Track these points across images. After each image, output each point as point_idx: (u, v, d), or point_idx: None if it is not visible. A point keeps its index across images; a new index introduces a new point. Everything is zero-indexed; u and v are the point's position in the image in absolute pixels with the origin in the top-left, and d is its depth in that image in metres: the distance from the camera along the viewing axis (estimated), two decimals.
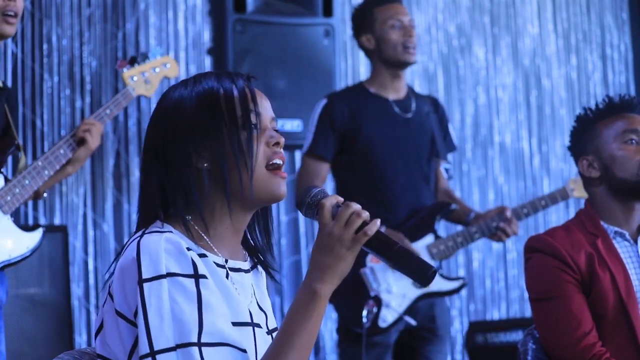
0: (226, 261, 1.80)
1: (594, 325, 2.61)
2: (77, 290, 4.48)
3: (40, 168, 3.24)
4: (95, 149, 3.42)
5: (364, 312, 3.57)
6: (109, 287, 1.74)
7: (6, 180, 3.18)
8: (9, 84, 4.36)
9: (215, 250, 1.79)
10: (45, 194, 3.38)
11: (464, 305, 5.54)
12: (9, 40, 4.41)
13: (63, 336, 4.11)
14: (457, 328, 5.47)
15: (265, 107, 1.84)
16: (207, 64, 4.86)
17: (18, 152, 3.25)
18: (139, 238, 1.72)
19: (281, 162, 1.82)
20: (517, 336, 4.68)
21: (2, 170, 3.19)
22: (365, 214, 1.69)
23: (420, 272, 1.68)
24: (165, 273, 1.67)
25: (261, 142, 1.80)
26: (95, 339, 1.78)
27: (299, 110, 4.43)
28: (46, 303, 4.12)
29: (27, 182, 3.19)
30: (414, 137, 3.90)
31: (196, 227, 1.78)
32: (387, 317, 3.69)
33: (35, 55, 4.52)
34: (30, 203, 4.45)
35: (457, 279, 3.93)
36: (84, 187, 4.61)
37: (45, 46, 4.55)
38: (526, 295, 2.78)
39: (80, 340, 4.44)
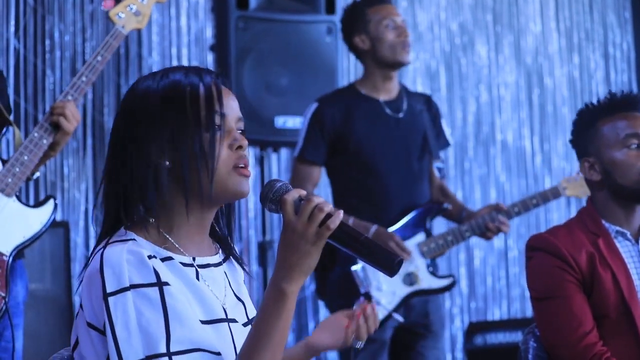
0: (194, 259, 1.79)
1: (595, 325, 2.61)
2: (78, 286, 4.48)
3: (38, 139, 3.12)
4: (74, 130, 3.22)
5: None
6: (80, 298, 1.73)
7: (3, 162, 3.09)
8: (11, 79, 4.37)
9: (182, 250, 1.77)
10: (35, 176, 3.21)
11: (465, 303, 5.54)
12: (12, 36, 4.42)
13: (64, 332, 4.11)
14: (458, 326, 5.47)
15: (232, 107, 1.80)
16: (210, 60, 4.86)
17: (10, 127, 3.13)
18: (102, 249, 1.70)
19: (244, 166, 1.77)
20: (516, 337, 4.69)
21: None
22: (328, 207, 1.65)
23: (386, 262, 1.66)
24: (128, 285, 1.65)
25: (224, 144, 1.75)
26: (72, 353, 1.77)
27: (301, 107, 4.41)
28: (47, 299, 4.12)
29: (25, 158, 3.08)
30: (405, 137, 3.90)
31: (160, 230, 1.76)
32: (378, 314, 3.69)
33: (37, 51, 4.53)
34: (31, 198, 4.45)
35: (447, 276, 3.93)
36: (85, 183, 4.61)
37: (47, 42, 4.55)
38: (527, 293, 2.78)
39: None
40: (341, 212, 1.66)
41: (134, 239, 1.72)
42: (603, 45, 6.15)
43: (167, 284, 1.68)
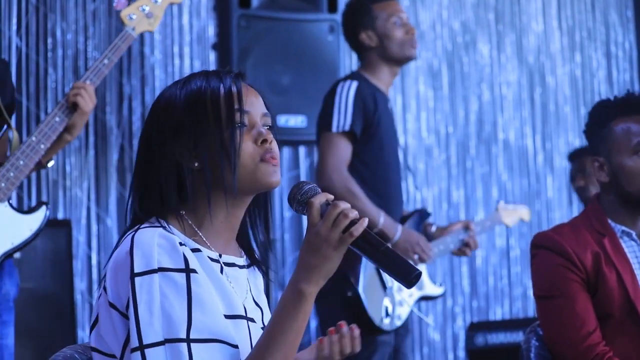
0: (220, 256, 1.82)
1: (598, 325, 2.61)
2: (80, 284, 4.48)
3: (35, 143, 3.08)
4: (90, 112, 3.24)
5: (383, 311, 3.61)
6: (104, 281, 1.75)
7: None
8: (14, 78, 4.36)
9: (209, 245, 1.80)
10: (50, 164, 3.22)
11: (467, 302, 5.54)
12: (14, 34, 4.42)
13: (66, 330, 4.12)
14: (460, 325, 5.47)
15: (254, 104, 1.83)
16: (212, 59, 4.86)
17: (9, 132, 3.10)
18: (133, 233, 1.73)
19: (271, 157, 1.80)
20: (517, 337, 4.69)
21: None
22: (354, 214, 1.67)
23: (405, 274, 1.67)
24: (157, 268, 1.68)
25: (247, 139, 1.79)
26: (90, 333, 1.80)
27: (303, 106, 4.42)
28: (49, 297, 4.12)
29: (21, 162, 3.05)
30: (397, 137, 3.92)
31: (190, 222, 1.79)
32: (402, 314, 3.72)
33: (39, 49, 4.52)
34: (33, 196, 4.45)
35: (440, 285, 4.06)
36: (87, 182, 4.61)
37: (49, 40, 4.55)
38: (529, 292, 2.80)
39: (83, 334, 4.45)
40: (366, 219, 1.68)
41: (165, 227, 1.76)
42: (605, 44, 6.14)
43: (194, 271, 1.71)
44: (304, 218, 5.45)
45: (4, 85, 3.11)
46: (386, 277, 3.67)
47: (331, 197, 1.73)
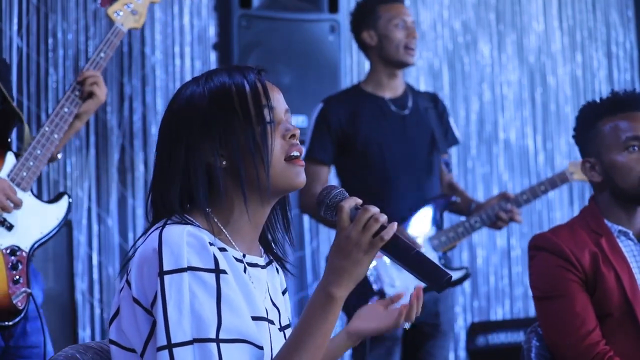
0: (244, 256, 1.81)
1: (598, 324, 2.61)
2: (81, 284, 4.48)
3: (49, 133, 3.12)
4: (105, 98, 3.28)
5: None
6: (127, 275, 1.74)
7: (16, 156, 3.08)
8: (14, 78, 4.37)
9: (234, 244, 1.79)
10: (59, 155, 3.25)
11: (468, 302, 5.54)
12: (15, 34, 4.42)
13: (67, 330, 4.12)
14: (461, 325, 5.47)
15: (278, 99, 1.85)
16: (213, 59, 4.86)
17: (21, 125, 3.13)
18: (160, 228, 1.72)
19: (299, 154, 1.82)
20: (518, 337, 4.69)
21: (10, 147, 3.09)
22: (383, 218, 1.69)
23: (435, 279, 1.68)
24: (186, 267, 1.67)
25: (276, 136, 1.80)
26: (109, 326, 1.78)
27: (304, 105, 4.41)
28: (50, 297, 4.12)
29: (38, 152, 3.08)
30: (411, 133, 3.93)
31: (216, 220, 1.78)
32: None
33: (40, 49, 4.53)
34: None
35: (461, 268, 3.95)
36: (88, 182, 4.61)
37: (50, 40, 4.55)
38: (530, 292, 2.78)
39: (84, 334, 4.45)
40: (395, 224, 1.70)
41: (192, 224, 1.74)
42: (606, 43, 6.14)
43: (224, 272, 1.70)
44: (305, 217, 5.47)
45: (7, 84, 3.13)
46: (373, 277, 3.67)
47: (360, 201, 1.74)
